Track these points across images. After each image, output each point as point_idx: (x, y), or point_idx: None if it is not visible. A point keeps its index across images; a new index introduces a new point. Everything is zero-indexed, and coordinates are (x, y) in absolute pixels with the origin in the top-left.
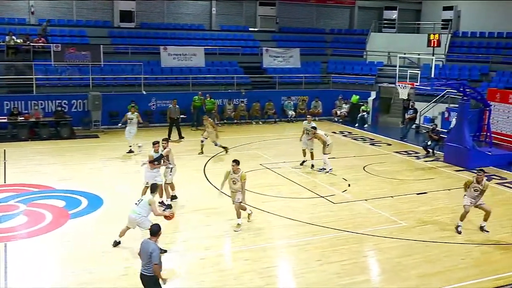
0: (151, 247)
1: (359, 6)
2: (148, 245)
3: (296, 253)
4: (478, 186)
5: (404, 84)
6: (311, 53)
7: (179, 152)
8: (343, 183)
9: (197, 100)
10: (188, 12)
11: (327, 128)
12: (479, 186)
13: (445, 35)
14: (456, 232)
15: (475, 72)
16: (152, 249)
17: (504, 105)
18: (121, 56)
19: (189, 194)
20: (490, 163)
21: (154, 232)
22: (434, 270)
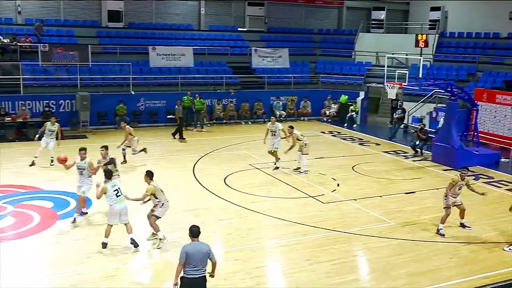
0: (206, 247)
1: (348, 6)
2: (202, 245)
3: (286, 253)
4: (462, 183)
5: (392, 84)
6: (300, 53)
7: (169, 152)
8: (332, 182)
9: (186, 101)
10: (177, 12)
11: (316, 128)
12: (463, 183)
13: (432, 35)
14: (439, 235)
15: (462, 72)
16: (209, 248)
17: (491, 105)
18: (110, 56)
19: (178, 194)
20: (477, 162)
21: (197, 233)
22: (423, 269)
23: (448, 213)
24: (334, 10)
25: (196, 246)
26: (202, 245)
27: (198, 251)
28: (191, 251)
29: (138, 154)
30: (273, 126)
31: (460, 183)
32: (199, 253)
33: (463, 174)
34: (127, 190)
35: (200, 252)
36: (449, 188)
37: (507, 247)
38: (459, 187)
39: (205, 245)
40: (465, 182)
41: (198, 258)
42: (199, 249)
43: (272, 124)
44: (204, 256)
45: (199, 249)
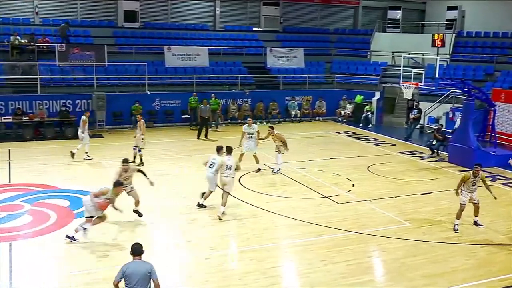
0: (147, 265)
1: (363, 6)
2: (143, 265)
3: (300, 253)
4: (475, 180)
5: (408, 84)
6: (315, 53)
7: (185, 151)
8: (348, 183)
9: (193, 101)
10: (192, 12)
11: (331, 128)
12: (476, 179)
13: (449, 35)
14: (454, 231)
15: (480, 72)
16: (150, 267)
17: (509, 105)
18: (125, 56)
19: (194, 194)
20: (494, 163)
21: (139, 251)
22: (439, 271)
23: (462, 209)
24: (350, 9)
25: (137, 266)
26: (143, 264)
27: (136, 271)
28: (128, 270)
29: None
30: (250, 128)
31: (472, 180)
32: (138, 274)
33: (476, 171)
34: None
35: (140, 273)
36: (460, 184)
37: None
38: (473, 183)
39: (146, 264)
40: (479, 178)
41: (136, 279)
42: (138, 270)
43: (248, 126)
44: (143, 276)
45: (139, 269)
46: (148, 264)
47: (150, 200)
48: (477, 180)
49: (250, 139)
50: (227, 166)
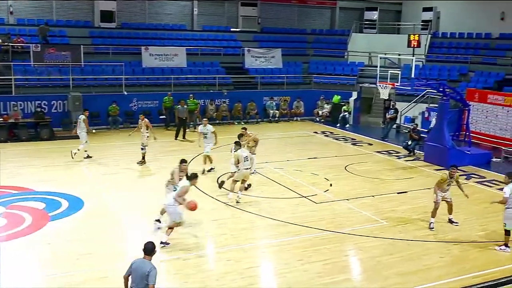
0: (148, 266)
1: (340, 6)
2: (145, 265)
3: (278, 253)
4: (451, 180)
5: (385, 84)
6: (293, 53)
7: (163, 152)
8: (325, 183)
9: (167, 101)
10: (169, 12)
11: (309, 128)
12: (451, 180)
13: (425, 35)
14: (429, 229)
15: (454, 72)
16: (150, 268)
17: (482, 105)
18: (102, 56)
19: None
20: (469, 162)
21: (149, 250)
22: (414, 268)
23: (436, 207)
24: (327, 10)
25: (139, 264)
26: (145, 264)
27: (138, 269)
28: (133, 266)
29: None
30: (205, 128)
31: (448, 181)
32: (138, 272)
33: (452, 172)
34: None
35: (139, 272)
36: (438, 185)
37: (499, 247)
38: (448, 184)
39: (148, 264)
40: (454, 179)
41: (136, 277)
42: (139, 268)
43: (204, 126)
44: (141, 277)
45: (140, 268)
46: (150, 266)
47: (128, 201)
48: (452, 181)
49: (205, 139)
50: (245, 158)
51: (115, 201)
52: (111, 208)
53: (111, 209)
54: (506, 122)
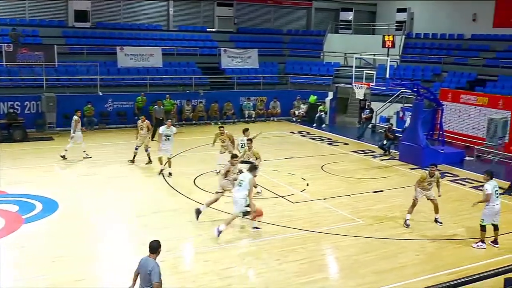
0: (150, 264)
1: (316, 7)
2: (148, 263)
3: (255, 253)
4: (431, 180)
5: (360, 85)
6: (269, 54)
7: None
8: (302, 182)
9: (140, 101)
10: (145, 12)
11: (286, 128)
12: (432, 179)
13: (399, 36)
14: (405, 226)
15: (428, 72)
16: (152, 266)
17: (455, 105)
18: (76, 56)
19: (147, 196)
20: (442, 161)
21: (154, 248)
22: (390, 266)
23: (414, 204)
24: (303, 11)
25: (144, 262)
26: (149, 262)
27: (143, 267)
28: (140, 263)
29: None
30: (168, 130)
31: (428, 180)
32: (142, 269)
33: (432, 171)
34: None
35: (144, 270)
36: (417, 184)
37: (475, 244)
38: (429, 183)
39: (150, 262)
40: (434, 178)
41: (141, 274)
42: (144, 265)
43: (167, 127)
44: (144, 274)
45: (144, 266)
46: (152, 263)
47: (103, 202)
48: (433, 180)
49: (166, 141)
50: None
51: (91, 202)
52: (86, 210)
53: (86, 211)
54: (478, 122)
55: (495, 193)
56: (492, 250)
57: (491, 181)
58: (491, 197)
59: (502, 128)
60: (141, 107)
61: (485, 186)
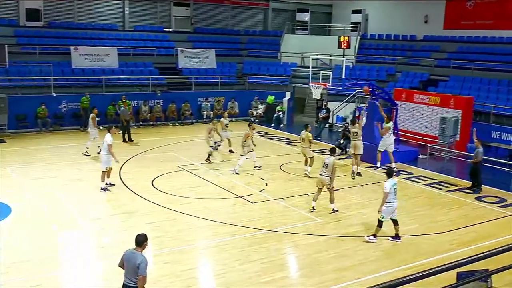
0: (139, 258)
1: (273, 8)
2: (135, 256)
3: (216, 254)
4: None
5: (317, 85)
6: (227, 54)
7: (96, 155)
8: (261, 182)
9: (85, 101)
10: (100, 12)
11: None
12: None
13: (354, 37)
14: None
15: (383, 72)
16: (140, 260)
17: (409, 104)
18: (28, 56)
19: (104, 198)
20: (397, 159)
21: (140, 242)
22: (348, 264)
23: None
24: (260, 11)
25: (130, 255)
26: (135, 255)
27: (129, 260)
28: (125, 257)
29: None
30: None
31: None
32: (129, 264)
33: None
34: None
35: (131, 263)
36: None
37: (367, 236)
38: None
39: (138, 256)
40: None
41: (127, 268)
42: (130, 259)
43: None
44: (132, 268)
45: (130, 258)
46: (141, 257)
47: (58, 206)
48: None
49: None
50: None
51: (45, 206)
52: (41, 214)
53: (41, 215)
54: (430, 121)
55: (394, 191)
56: (445, 245)
57: (391, 180)
58: (389, 195)
59: (453, 127)
60: (86, 107)
61: (384, 184)
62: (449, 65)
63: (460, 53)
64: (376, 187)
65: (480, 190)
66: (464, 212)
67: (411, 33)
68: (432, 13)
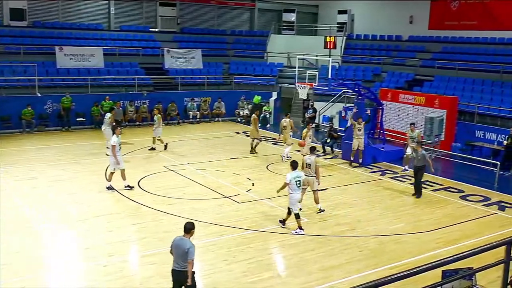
0: (187, 244)
1: (259, 8)
2: (184, 242)
3: (203, 254)
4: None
5: (303, 85)
6: (213, 54)
7: (79, 155)
8: (247, 182)
9: (66, 101)
10: (85, 11)
11: (231, 129)
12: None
13: (340, 37)
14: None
15: (369, 72)
16: (189, 246)
17: (395, 104)
18: (13, 56)
19: (90, 199)
20: (383, 158)
21: (188, 229)
22: (335, 263)
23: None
24: (246, 11)
25: (179, 242)
26: (183, 241)
27: (178, 246)
28: (173, 244)
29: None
30: (119, 138)
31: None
32: (178, 249)
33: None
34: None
35: (180, 249)
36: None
37: (294, 231)
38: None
39: (186, 242)
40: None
41: (176, 253)
42: (179, 245)
43: (117, 136)
44: (181, 253)
45: (179, 245)
46: (189, 243)
47: (45, 207)
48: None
49: (119, 151)
50: (307, 164)
51: (30, 207)
52: (25, 215)
53: (25, 216)
54: (416, 120)
55: (296, 183)
56: (430, 244)
57: (293, 172)
58: (291, 186)
59: (438, 126)
60: (68, 107)
61: (286, 175)
62: (434, 65)
63: (444, 53)
64: (363, 186)
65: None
66: (449, 211)
67: (397, 33)
68: (417, 14)
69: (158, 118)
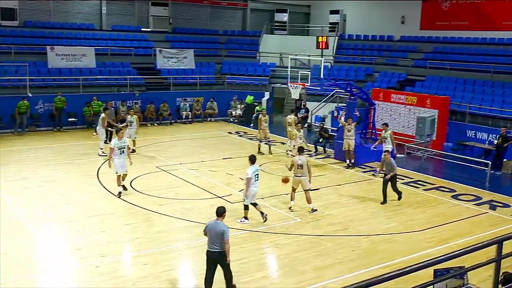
0: (222, 226)
1: (251, 8)
2: (218, 225)
3: (195, 255)
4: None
5: (295, 85)
6: (206, 54)
7: (71, 156)
8: (240, 182)
9: (58, 102)
10: (76, 11)
11: (223, 129)
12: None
13: (332, 37)
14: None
15: (361, 72)
16: (224, 227)
17: (387, 104)
18: (3, 56)
19: (82, 200)
20: (375, 158)
21: (220, 213)
22: (328, 263)
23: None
24: (239, 11)
25: (214, 225)
26: (218, 224)
27: (213, 229)
28: (208, 227)
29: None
30: (121, 142)
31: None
32: (213, 231)
33: None
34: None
35: (214, 231)
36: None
37: (239, 220)
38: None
39: (221, 225)
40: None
41: (212, 235)
42: (214, 228)
43: (119, 139)
44: (217, 235)
45: (215, 227)
46: (223, 225)
47: (36, 208)
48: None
49: (121, 155)
50: (298, 165)
51: (21, 208)
52: (16, 216)
53: (16, 216)
54: (408, 120)
55: (255, 177)
56: (422, 243)
57: (252, 166)
58: (251, 180)
59: (430, 126)
60: (61, 107)
61: (247, 170)
62: (425, 65)
63: (436, 54)
64: (355, 186)
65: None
66: (440, 210)
67: (388, 33)
68: (409, 14)
69: (135, 119)
